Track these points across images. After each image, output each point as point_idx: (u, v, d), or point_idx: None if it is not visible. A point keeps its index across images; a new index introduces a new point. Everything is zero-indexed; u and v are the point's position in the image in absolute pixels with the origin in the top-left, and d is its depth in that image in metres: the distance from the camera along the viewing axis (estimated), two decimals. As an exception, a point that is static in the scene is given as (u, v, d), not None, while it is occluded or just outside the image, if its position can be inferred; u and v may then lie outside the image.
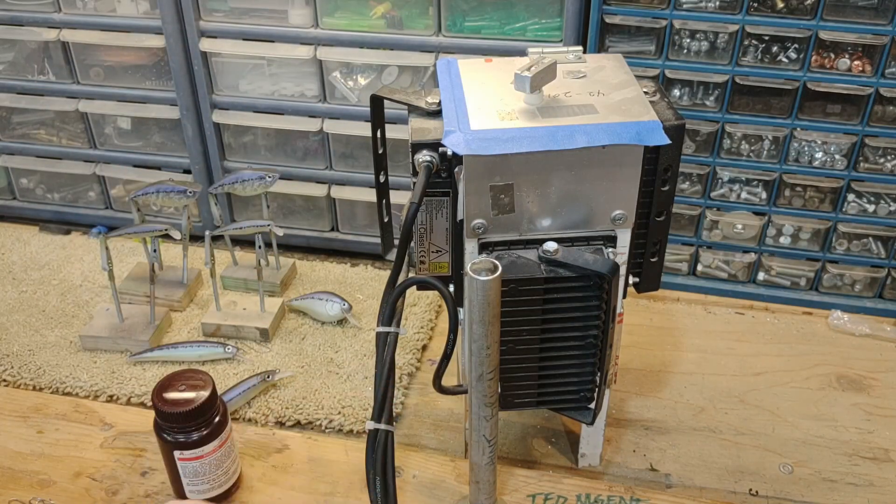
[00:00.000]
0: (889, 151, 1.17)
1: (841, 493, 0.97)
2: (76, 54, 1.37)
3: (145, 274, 1.28)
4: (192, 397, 0.88)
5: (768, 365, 1.17)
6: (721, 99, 1.17)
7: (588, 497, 0.95)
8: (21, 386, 1.14)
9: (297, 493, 0.96)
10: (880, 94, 1.12)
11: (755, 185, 1.24)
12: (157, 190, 1.22)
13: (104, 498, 0.96)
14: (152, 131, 1.44)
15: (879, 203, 1.21)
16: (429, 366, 1.16)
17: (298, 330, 1.24)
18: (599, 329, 0.79)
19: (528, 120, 0.75)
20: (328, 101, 1.32)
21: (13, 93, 1.43)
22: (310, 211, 1.44)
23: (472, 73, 0.85)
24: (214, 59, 1.33)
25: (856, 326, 1.23)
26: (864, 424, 1.07)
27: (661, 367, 1.16)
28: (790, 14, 1.10)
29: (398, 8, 1.24)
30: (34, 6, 1.34)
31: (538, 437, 1.05)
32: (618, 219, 0.79)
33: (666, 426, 1.06)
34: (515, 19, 1.21)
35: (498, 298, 0.64)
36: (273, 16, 1.28)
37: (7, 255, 1.44)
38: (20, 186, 1.55)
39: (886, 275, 1.26)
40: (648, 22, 1.14)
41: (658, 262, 0.89)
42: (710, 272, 1.33)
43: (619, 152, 0.75)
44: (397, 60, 1.26)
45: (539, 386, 0.85)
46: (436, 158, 0.78)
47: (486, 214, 0.77)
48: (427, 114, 0.82)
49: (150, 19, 1.30)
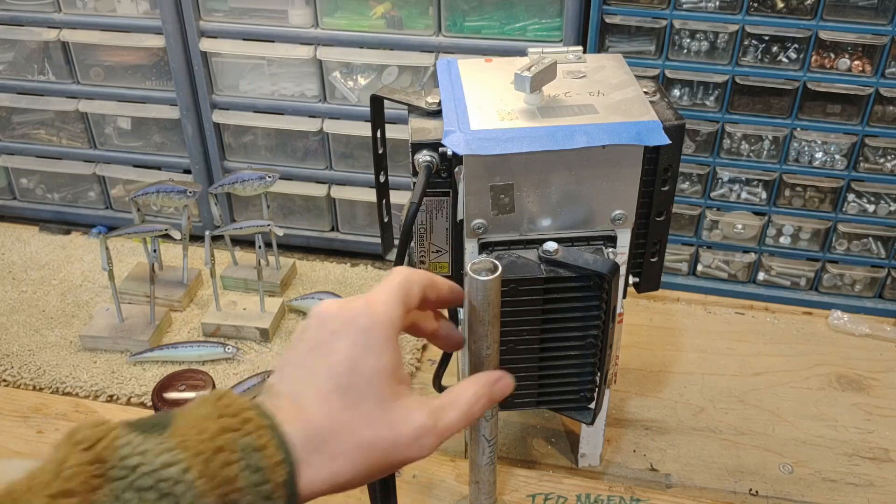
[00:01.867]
0: (889, 151, 1.17)
1: (841, 493, 0.97)
2: (76, 54, 1.37)
3: (145, 274, 1.28)
4: (191, 397, 0.88)
5: (768, 365, 1.17)
6: (721, 99, 1.17)
7: (588, 497, 0.95)
8: (21, 386, 1.14)
9: (297, 493, 0.96)
10: (880, 94, 1.12)
11: (755, 185, 1.24)
12: (157, 190, 1.22)
13: (104, 498, 0.96)
14: (152, 131, 1.44)
15: (879, 203, 1.21)
16: (429, 366, 1.16)
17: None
18: (599, 329, 0.79)
19: (528, 120, 0.75)
20: (328, 101, 1.32)
21: (13, 93, 1.43)
22: (310, 211, 1.44)
23: (472, 73, 0.85)
24: (214, 59, 1.33)
25: (856, 326, 1.23)
26: (864, 424, 1.07)
27: (661, 367, 1.16)
28: (790, 14, 1.10)
29: (398, 8, 1.24)
30: (34, 6, 1.34)
31: (538, 437, 1.05)
32: (618, 219, 0.79)
33: (666, 426, 1.06)
34: (515, 19, 1.21)
35: (498, 298, 0.64)
36: (273, 16, 1.28)
37: (7, 255, 1.44)
38: (20, 186, 1.54)
39: (886, 275, 1.26)
40: (648, 22, 1.14)
41: (658, 262, 0.89)
42: (710, 272, 1.33)
43: (619, 152, 0.75)
44: (397, 60, 1.26)
45: (539, 386, 0.84)
46: (436, 158, 0.78)
47: (486, 214, 0.77)
48: (427, 114, 0.82)
49: (150, 19, 1.30)
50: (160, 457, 0.43)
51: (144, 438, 0.45)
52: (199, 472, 0.44)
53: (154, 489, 0.43)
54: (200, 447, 0.44)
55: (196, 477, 0.43)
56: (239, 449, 0.45)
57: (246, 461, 0.45)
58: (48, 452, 0.44)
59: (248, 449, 0.45)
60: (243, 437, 0.46)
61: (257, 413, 0.47)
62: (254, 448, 0.45)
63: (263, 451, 0.45)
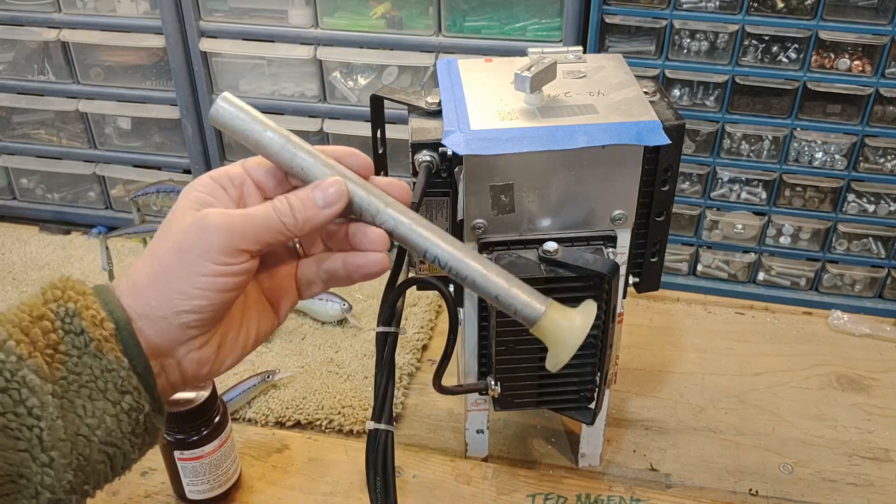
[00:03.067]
0: (889, 151, 1.17)
1: (841, 493, 0.97)
2: (76, 54, 1.37)
3: (145, 274, 1.28)
4: (192, 397, 0.88)
5: (768, 365, 1.17)
6: (721, 99, 1.17)
7: (588, 497, 0.95)
8: (21, 386, 1.14)
9: (296, 494, 0.96)
10: (880, 94, 1.12)
11: (755, 185, 1.24)
12: (157, 190, 1.22)
13: (104, 498, 0.96)
14: (152, 131, 1.44)
15: (879, 203, 1.21)
16: (429, 366, 1.16)
17: (298, 330, 1.24)
18: (599, 329, 0.79)
19: (528, 120, 0.75)
20: (328, 101, 1.32)
21: (13, 93, 1.43)
22: (310, 211, 1.44)
23: (472, 73, 0.85)
24: (214, 59, 1.33)
25: (856, 326, 1.23)
26: (864, 424, 1.07)
27: (661, 367, 1.16)
28: (790, 14, 1.10)
29: (398, 8, 1.24)
30: (34, 6, 1.34)
31: (538, 437, 1.05)
32: (618, 219, 0.79)
33: (666, 426, 1.06)
34: (515, 19, 1.21)
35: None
36: (273, 16, 1.28)
37: (7, 255, 1.44)
38: (20, 186, 1.54)
39: (886, 275, 1.26)
40: (648, 22, 1.14)
41: (658, 262, 0.89)
42: (710, 272, 1.33)
43: (619, 152, 0.75)
44: (397, 60, 1.26)
45: (539, 386, 0.85)
46: (436, 158, 0.78)
47: (486, 214, 0.77)
48: (427, 114, 0.82)
49: (150, 19, 1.31)
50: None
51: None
52: (18, 340, 0.48)
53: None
54: (20, 319, 0.50)
55: (16, 343, 0.48)
56: (58, 316, 0.50)
57: (65, 325, 0.50)
58: None
59: (69, 315, 0.50)
60: (64, 304, 0.50)
61: (79, 284, 0.52)
62: (74, 313, 0.50)
63: (84, 311, 0.50)
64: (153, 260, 0.53)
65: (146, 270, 0.53)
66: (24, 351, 0.48)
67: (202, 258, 0.51)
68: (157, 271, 0.52)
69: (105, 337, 0.50)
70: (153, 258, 0.53)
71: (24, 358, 0.48)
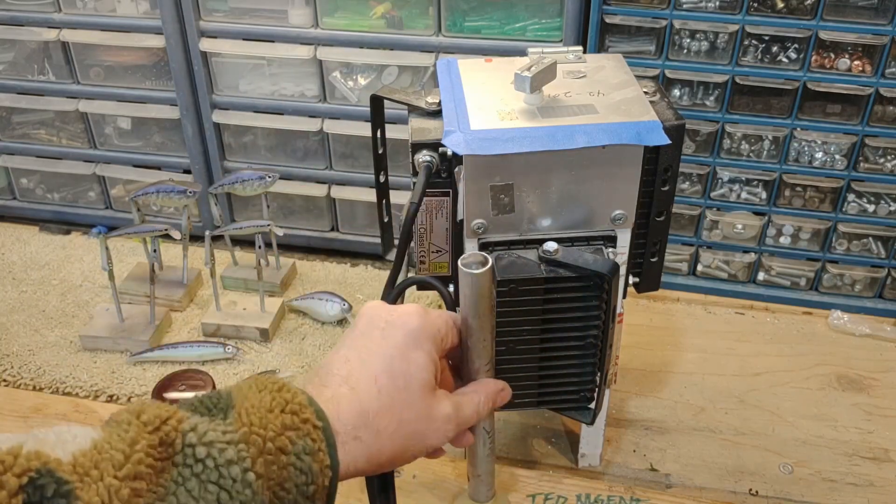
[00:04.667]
0: (889, 151, 1.17)
1: (841, 493, 0.97)
2: (76, 54, 1.37)
3: (145, 274, 1.28)
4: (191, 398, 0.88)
5: (768, 365, 1.17)
6: (721, 99, 1.17)
7: (588, 497, 0.95)
8: (21, 386, 1.14)
9: (297, 493, 0.96)
10: (880, 94, 1.12)
11: (755, 185, 1.24)
12: (157, 190, 1.22)
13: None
14: (152, 131, 1.44)
15: (879, 203, 1.21)
16: (429, 366, 1.16)
17: (298, 330, 1.24)
18: (599, 329, 0.79)
19: (528, 120, 0.75)
20: (328, 101, 1.32)
21: (13, 93, 1.43)
22: (310, 211, 1.44)
23: (472, 73, 0.85)
24: (214, 59, 1.33)
25: (856, 326, 1.23)
26: (864, 424, 1.07)
27: (661, 367, 1.16)
28: (790, 14, 1.10)
29: (398, 8, 1.24)
30: (34, 6, 1.34)
31: (538, 437, 1.05)
32: (618, 219, 0.79)
33: (666, 426, 1.06)
34: (515, 19, 1.21)
35: (490, 291, 0.64)
36: (273, 16, 1.28)
37: (7, 255, 1.44)
38: (20, 186, 1.54)
39: (886, 275, 1.26)
40: (648, 22, 1.14)
41: (658, 262, 0.89)
42: (710, 272, 1.33)
43: (619, 152, 0.75)
44: (397, 60, 1.26)
45: (539, 386, 0.84)
46: (436, 158, 0.78)
47: (486, 214, 0.77)
48: (427, 114, 0.82)
49: (150, 19, 1.30)
50: (226, 452, 0.46)
51: (209, 423, 0.47)
52: (258, 473, 0.47)
53: (216, 484, 0.45)
54: (264, 446, 0.48)
55: (255, 478, 0.47)
56: (294, 452, 0.49)
57: (299, 464, 0.49)
58: (109, 426, 0.46)
59: (303, 452, 0.49)
60: (301, 438, 0.49)
61: (314, 413, 0.51)
62: (307, 452, 0.49)
63: (315, 455, 0.49)
64: (390, 385, 0.56)
65: (377, 391, 0.55)
66: (257, 486, 0.47)
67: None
68: (387, 404, 0.56)
69: (321, 486, 0.50)
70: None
71: (256, 494, 0.47)
